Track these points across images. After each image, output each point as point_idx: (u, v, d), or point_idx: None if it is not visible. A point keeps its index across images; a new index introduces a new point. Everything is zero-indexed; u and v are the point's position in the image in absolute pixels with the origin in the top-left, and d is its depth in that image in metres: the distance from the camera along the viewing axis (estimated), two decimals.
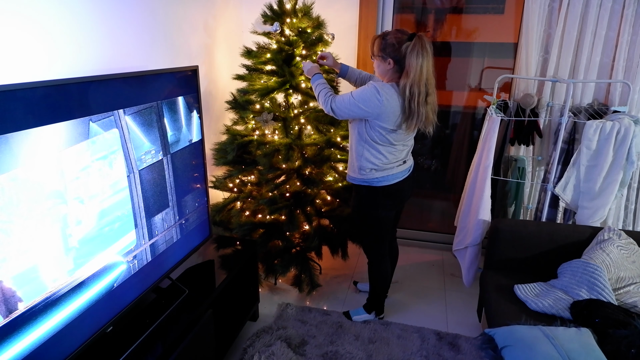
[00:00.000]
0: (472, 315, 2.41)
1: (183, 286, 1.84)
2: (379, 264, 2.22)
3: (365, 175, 1.98)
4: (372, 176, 1.97)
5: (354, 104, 1.83)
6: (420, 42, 1.75)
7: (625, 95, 2.33)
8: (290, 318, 2.35)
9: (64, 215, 1.23)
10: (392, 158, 1.95)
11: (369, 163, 1.95)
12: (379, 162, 1.94)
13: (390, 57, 1.81)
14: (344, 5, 2.71)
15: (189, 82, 1.80)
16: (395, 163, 1.98)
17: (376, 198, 2.02)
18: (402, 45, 1.78)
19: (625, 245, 1.92)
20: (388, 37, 1.82)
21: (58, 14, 1.45)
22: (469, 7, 2.80)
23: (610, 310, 1.63)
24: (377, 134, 1.88)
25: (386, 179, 1.98)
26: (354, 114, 1.86)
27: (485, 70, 2.91)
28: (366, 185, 2.01)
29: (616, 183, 2.20)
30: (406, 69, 1.77)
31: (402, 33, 1.81)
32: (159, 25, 2.01)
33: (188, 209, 1.87)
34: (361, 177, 1.99)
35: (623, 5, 2.25)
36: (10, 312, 1.10)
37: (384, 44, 1.82)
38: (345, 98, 1.86)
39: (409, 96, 1.78)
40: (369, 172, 1.97)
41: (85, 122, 1.27)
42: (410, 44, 1.75)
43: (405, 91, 1.78)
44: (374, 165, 1.95)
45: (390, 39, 1.81)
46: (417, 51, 1.73)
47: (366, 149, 1.93)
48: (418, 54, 1.73)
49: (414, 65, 1.74)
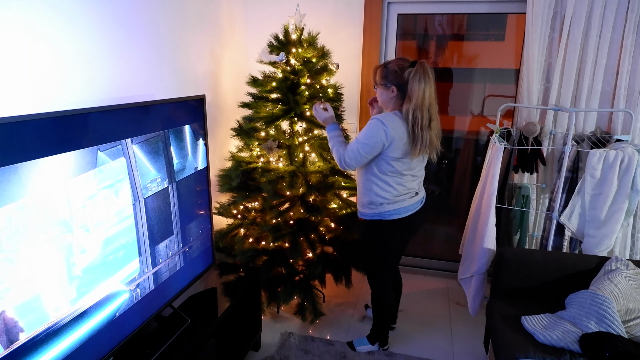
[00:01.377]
0: (479, 346, 2.36)
1: (185, 315, 1.81)
2: (384, 294, 2.19)
3: (376, 209, 1.96)
4: (384, 209, 1.95)
5: (362, 146, 1.83)
6: (422, 67, 1.78)
7: (627, 123, 2.34)
8: (292, 348, 2.31)
9: (69, 244, 1.23)
10: (402, 190, 1.93)
11: (379, 197, 1.93)
12: (389, 195, 1.92)
13: (393, 84, 1.84)
14: (348, 35, 2.77)
15: (196, 110, 1.82)
16: (407, 195, 1.96)
17: (387, 231, 2.01)
18: (404, 71, 1.80)
19: (634, 275, 1.90)
20: (390, 65, 1.86)
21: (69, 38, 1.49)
22: (470, 34, 2.86)
23: (620, 344, 1.59)
24: (385, 165, 1.88)
25: (398, 211, 1.95)
26: (368, 154, 1.84)
27: (487, 97, 2.95)
28: (378, 220, 1.99)
29: (622, 212, 2.19)
30: (409, 94, 1.79)
31: (404, 60, 1.85)
32: (166, 52, 2.05)
33: (192, 236, 1.87)
34: (372, 211, 1.98)
35: (622, 35, 2.29)
36: (12, 342, 1.08)
37: (386, 72, 1.85)
38: (353, 147, 1.85)
39: (412, 120, 1.79)
40: (380, 206, 1.95)
41: (93, 151, 1.28)
42: (412, 69, 1.78)
43: (408, 116, 1.79)
44: (385, 199, 1.93)
45: (392, 67, 1.84)
46: (419, 76, 1.76)
47: (374, 183, 1.93)
48: (420, 79, 1.76)
49: (416, 90, 1.76)
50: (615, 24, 2.29)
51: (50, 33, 1.40)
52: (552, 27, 2.40)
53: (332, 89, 2.40)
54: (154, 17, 1.94)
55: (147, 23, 1.90)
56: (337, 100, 2.43)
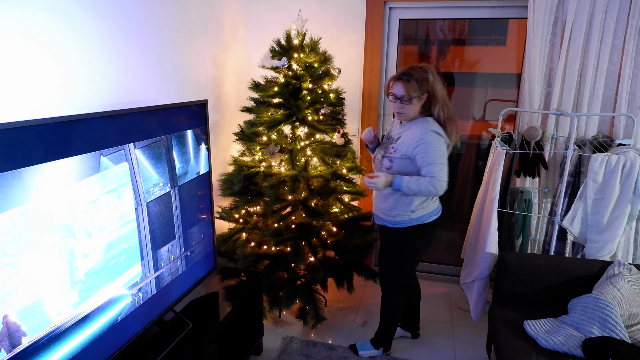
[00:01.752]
0: (481, 351, 2.35)
1: (187, 319, 1.82)
2: (395, 299, 2.19)
3: (416, 214, 1.99)
4: (424, 212, 2.00)
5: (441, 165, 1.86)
6: (434, 69, 1.93)
7: (629, 127, 2.34)
8: (294, 352, 2.30)
9: (71, 249, 1.23)
10: None
11: (422, 202, 1.98)
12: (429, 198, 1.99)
13: (426, 91, 1.91)
14: (349, 40, 2.78)
15: (198, 115, 1.83)
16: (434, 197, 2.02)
17: (424, 234, 2.04)
18: (428, 76, 1.90)
19: (637, 280, 1.89)
20: (416, 75, 1.89)
21: (73, 45, 1.50)
22: (472, 39, 2.87)
23: (623, 349, 1.58)
24: None
25: (435, 212, 2.04)
26: (446, 165, 1.90)
27: (489, 102, 2.95)
28: (416, 225, 2.00)
29: (624, 216, 2.18)
30: (434, 95, 1.91)
31: (419, 68, 1.91)
32: (169, 58, 2.07)
33: (194, 240, 1.87)
34: (410, 217, 1.99)
35: (624, 40, 2.29)
36: (14, 346, 1.09)
37: (419, 83, 1.89)
38: (435, 171, 1.85)
39: (443, 116, 1.93)
40: (422, 209, 1.99)
41: (96, 156, 1.29)
42: (429, 73, 1.90)
43: (440, 114, 1.93)
44: (425, 202, 1.99)
45: (419, 76, 1.89)
46: (436, 77, 1.92)
47: None
48: (437, 79, 1.92)
49: (439, 89, 1.92)
50: (617, 30, 2.29)
51: (53, 39, 1.42)
52: (554, 32, 2.41)
53: (334, 93, 2.41)
54: (158, 23, 1.96)
55: (151, 29, 1.91)
56: (339, 105, 2.44)
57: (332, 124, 2.41)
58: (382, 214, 2.06)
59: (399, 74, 1.93)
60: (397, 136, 2.00)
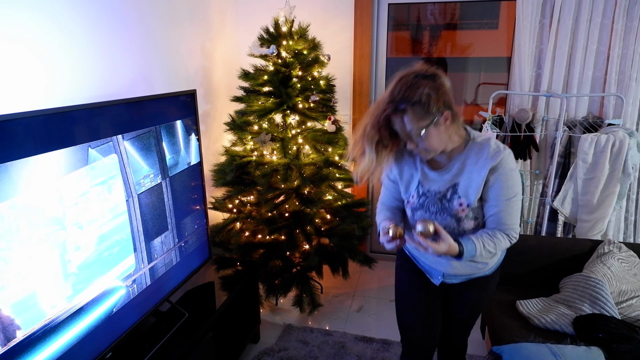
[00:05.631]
0: (475, 332, 2.38)
1: (183, 309, 1.83)
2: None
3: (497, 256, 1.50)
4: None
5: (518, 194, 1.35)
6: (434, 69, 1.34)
7: (619, 107, 2.35)
8: (291, 339, 2.32)
9: (62, 242, 1.23)
10: None
11: None
12: None
13: (447, 107, 1.29)
14: (339, 26, 2.76)
15: (187, 105, 1.82)
16: None
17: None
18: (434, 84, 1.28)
19: (626, 258, 1.92)
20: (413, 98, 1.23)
21: (57, 40, 1.48)
22: (464, 23, 2.85)
23: (613, 325, 1.61)
24: None
25: None
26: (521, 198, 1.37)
27: (480, 85, 2.95)
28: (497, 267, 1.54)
29: (614, 195, 2.21)
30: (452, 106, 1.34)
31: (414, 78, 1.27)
32: (156, 49, 2.05)
33: (187, 231, 1.88)
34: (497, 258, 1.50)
35: (612, 20, 2.29)
36: (9, 340, 1.09)
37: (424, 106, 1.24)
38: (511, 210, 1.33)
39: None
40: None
41: (84, 148, 1.28)
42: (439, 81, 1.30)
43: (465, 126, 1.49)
44: None
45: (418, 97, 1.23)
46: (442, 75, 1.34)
47: None
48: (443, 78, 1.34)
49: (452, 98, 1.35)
50: (605, 9, 2.29)
51: (34, 33, 1.40)
52: (543, 13, 2.40)
53: (324, 80, 2.40)
54: (144, 13, 1.93)
55: (137, 19, 1.89)
56: (329, 92, 2.43)
57: (323, 111, 2.40)
58: (460, 271, 1.45)
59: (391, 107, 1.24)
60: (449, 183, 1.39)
